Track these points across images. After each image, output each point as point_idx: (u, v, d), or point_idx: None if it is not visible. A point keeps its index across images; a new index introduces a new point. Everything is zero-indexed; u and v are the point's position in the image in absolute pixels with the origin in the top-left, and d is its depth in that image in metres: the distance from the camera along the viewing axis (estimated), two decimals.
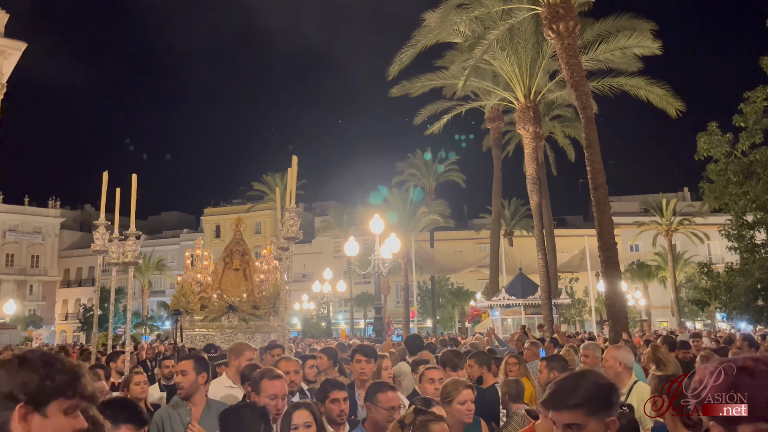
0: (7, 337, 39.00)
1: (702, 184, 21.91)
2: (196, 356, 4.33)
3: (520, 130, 23.69)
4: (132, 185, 7.27)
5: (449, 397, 3.85)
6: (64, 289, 65.67)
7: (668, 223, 44.55)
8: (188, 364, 4.09)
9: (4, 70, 30.98)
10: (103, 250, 7.49)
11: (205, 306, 8.44)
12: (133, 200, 7.25)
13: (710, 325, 43.36)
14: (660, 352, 7.06)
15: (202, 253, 9.24)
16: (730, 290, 22.17)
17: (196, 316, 8.41)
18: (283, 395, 3.67)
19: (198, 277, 8.88)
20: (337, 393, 3.86)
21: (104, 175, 7.54)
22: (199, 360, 4.18)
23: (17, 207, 62.31)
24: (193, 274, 8.93)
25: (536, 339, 13.42)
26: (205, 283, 8.83)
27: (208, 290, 8.69)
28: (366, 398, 3.66)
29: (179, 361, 4.42)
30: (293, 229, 7.33)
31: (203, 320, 8.43)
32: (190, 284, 8.74)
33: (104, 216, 7.60)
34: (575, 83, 16.08)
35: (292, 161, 7.38)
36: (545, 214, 26.69)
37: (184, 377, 4.01)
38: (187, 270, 9.12)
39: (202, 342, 8.12)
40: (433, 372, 4.58)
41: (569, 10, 16.80)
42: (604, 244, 14.77)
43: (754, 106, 19.66)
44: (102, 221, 7.64)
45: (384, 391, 3.60)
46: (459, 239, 52.75)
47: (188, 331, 8.28)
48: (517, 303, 25.59)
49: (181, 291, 8.58)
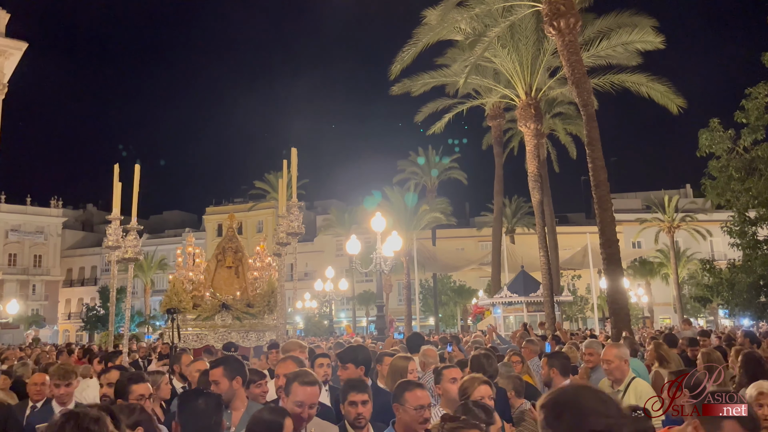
0: (10, 336, 39.10)
1: (704, 181, 21.86)
2: (225, 361, 4.04)
3: (522, 128, 23.65)
4: (134, 176, 7.05)
5: (466, 393, 3.78)
6: (66, 288, 65.83)
7: (670, 220, 44.50)
8: (218, 372, 3.87)
9: (6, 70, 31.01)
10: (116, 246, 7.27)
11: (197, 305, 8.28)
12: (135, 192, 7.04)
13: (713, 321, 43.33)
14: (663, 349, 7.07)
15: (194, 250, 9.03)
16: (733, 287, 22.12)
17: (189, 315, 8.25)
18: (311, 404, 3.42)
19: (190, 275, 8.70)
20: (356, 395, 3.58)
21: (115, 168, 7.30)
22: (228, 365, 3.94)
23: (20, 207, 62.45)
24: (185, 272, 8.74)
25: (537, 336, 13.42)
26: (198, 281, 8.67)
27: (201, 288, 8.55)
28: (393, 399, 3.51)
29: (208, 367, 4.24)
30: (295, 224, 7.24)
31: (196, 319, 8.23)
32: (182, 282, 8.55)
33: (118, 210, 7.37)
34: (576, 80, 16.04)
35: (292, 154, 7.28)
36: (547, 212, 26.65)
37: (218, 387, 3.80)
38: (178, 268, 8.95)
39: (195, 341, 7.99)
40: (452, 371, 4.31)
41: (570, 7, 16.75)
42: (606, 241, 14.74)
43: (756, 102, 19.60)
44: (116, 216, 7.40)
45: (411, 389, 3.45)
46: (461, 237, 52.76)
47: (181, 331, 8.21)
48: (519, 300, 25.57)
49: (173, 289, 8.37)
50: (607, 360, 4.86)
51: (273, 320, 8.40)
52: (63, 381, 4.98)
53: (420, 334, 10.26)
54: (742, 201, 20.50)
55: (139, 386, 4.05)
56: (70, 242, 67.20)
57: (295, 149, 7.29)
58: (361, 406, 3.56)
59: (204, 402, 3.00)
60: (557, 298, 24.42)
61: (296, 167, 7.34)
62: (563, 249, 33.30)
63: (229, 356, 4.41)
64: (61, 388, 4.97)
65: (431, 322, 47.49)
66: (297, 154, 7.33)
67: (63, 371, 5.04)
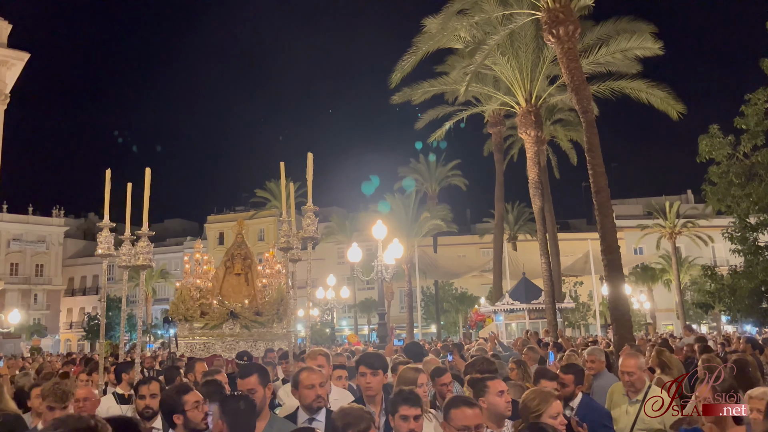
0: (11, 346, 39.03)
1: (704, 187, 21.87)
2: (258, 369, 3.91)
3: (522, 135, 23.71)
4: (145, 180, 6.69)
5: (537, 411, 3.39)
6: (68, 297, 65.79)
7: (672, 226, 44.45)
8: (253, 380, 3.76)
9: (8, 80, 31.19)
10: (107, 254, 6.91)
11: (205, 313, 8.08)
12: (146, 196, 6.68)
13: (715, 327, 43.21)
14: (665, 355, 7.07)
15: (201, 257, 8.84)
16: (734, 293, 22.10)
17: (196, 324, 8.07)
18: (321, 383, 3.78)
19: (197, 283, 8.50)
20: (408, 409, 3.29)
21: (107, 173, 6.90)
22: (261, 373, 3.86)
23: (21, 216, 62.52)
24: (192, 279, 8.54)
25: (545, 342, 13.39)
26: (205, 288, 8.48)
27: (209, 296, 8.36)
28: (444, 415, 3.28)
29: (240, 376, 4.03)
30: (311, 229, 7.10)
31: (203, 328, 8.04)
32: (189, 290, 8.35)
33: (108, 218, 6.92)
34: (576, 87, 16.08)
35: (308, 159, 7.15)
36: (548, 218, 26.65)
37: (255, 395, 3.68)
38: (186, 275, 8.73)
39: (202, 350, 7.82)
40: (498, 383, 3.88)
41: (569, 15, 16.82)
42: (607, 247, 14.73)
43: (755, 108, 19.65)
44: (106, 223, 6.94)
45: (458, 406, 3.19)
46: (462, 244, 52.74)
47: (188, 340, 7.91)
48: (521, 308, 25.51)
49: (180, 297, 8.17)
50: (629, 372, 4.74)
51: (282, 329, 8.25)
52: (59, 404, 4.17)
53: (418, 342, 10.23)
54: (743, 207, 20.52)
55: (189, 395, 3.67)
56: (71, 251, 67.24)
57: (311, 154, 7.19)
58: (413, 422, 3.27)
59: (244, 404, 3.31)
60: (559, 305, 24.38)
61: (311, 172, 7.20)
62: (565, 255, 33.27)
63: (257, 364, 4.37)
64: (56, 411, 4.11)
65: (433, 330, 47.40)
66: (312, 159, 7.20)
67: (60, 392, 4.21)
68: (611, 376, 6.29)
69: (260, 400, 3.72)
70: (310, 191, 7.05)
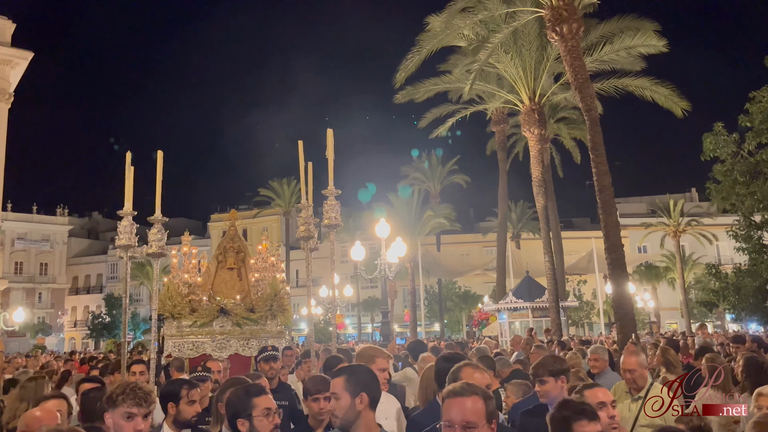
0: (16, 344, 39.16)
1: (709, 185, 21.81)
2: (351, 371, 2.93)
3: (526, 133, 23.67)
4: (158, 164, 6.35)
5: None
6: (72, 296, 66.01)
7: (676, 225, 44.26)
8: (339, 383, 2.83)
9: (11, 79, 31.26)
10: (128, 245, 6.51)
11: (194, 309, 7.44)
12: (159, 181, 6.34)
13: (720, 326, 43.09)
14: (669, 354, 7.04)
15: (189, 250, 8.16)
16: (739, 291, 22.06)
17: (185, 322, 7.47)
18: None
19: (186, 278, 7.85)
20: None
21: (127, 156, 6.44)
22: (354, 375, 2.88)
23: (26, 215, 62.69)
24: (180, 274, 7.87)
25: (542, 342, 13.38)
26: (194, 284, 7.82)
27: (198, 292, 7.74)
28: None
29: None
30: (332, 215, 6.33)
31: (192, 325, 7.43)
32: (177, 286, 7.67)
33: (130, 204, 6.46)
34: (579, 85, 16.06)
35: (328, 135, 6.32)
36: (552, 217, 26.60)
37: (337, 403, 2.81)
38: (173, 270, 8.08)
39: (191, 350, 7.35)
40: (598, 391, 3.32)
41: (572, 12, 16.80)
42: (611, 246, 14.71)
43: (760, 106, 19.57)
44: (128, 211, 6.45)
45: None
46: (465, 242, 52.65)
47: (177, 339, 7.41)
48: (524, 306, 25.46)
49: (167, 293, 7.51)
50: (630, 369, 4.73)
51: (277, 326, 7.78)
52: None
53: (421, 341, 10.20)
54: (747, 205, 20.46)
55: (261, 399, 3.08)
56: (75, 250, 67.42)
57: (331, 130, 6.34)
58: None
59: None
60: (563, 304, 24.34)
61: (332, 150, 6.33)
62: (568, 254, 33.20)
63: (357, 365, 3.25)
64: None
65: (436, 328, 47.38)
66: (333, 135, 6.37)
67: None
68: (614, 375, 6.27)
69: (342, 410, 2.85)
70: (331, 172, 6.30)
